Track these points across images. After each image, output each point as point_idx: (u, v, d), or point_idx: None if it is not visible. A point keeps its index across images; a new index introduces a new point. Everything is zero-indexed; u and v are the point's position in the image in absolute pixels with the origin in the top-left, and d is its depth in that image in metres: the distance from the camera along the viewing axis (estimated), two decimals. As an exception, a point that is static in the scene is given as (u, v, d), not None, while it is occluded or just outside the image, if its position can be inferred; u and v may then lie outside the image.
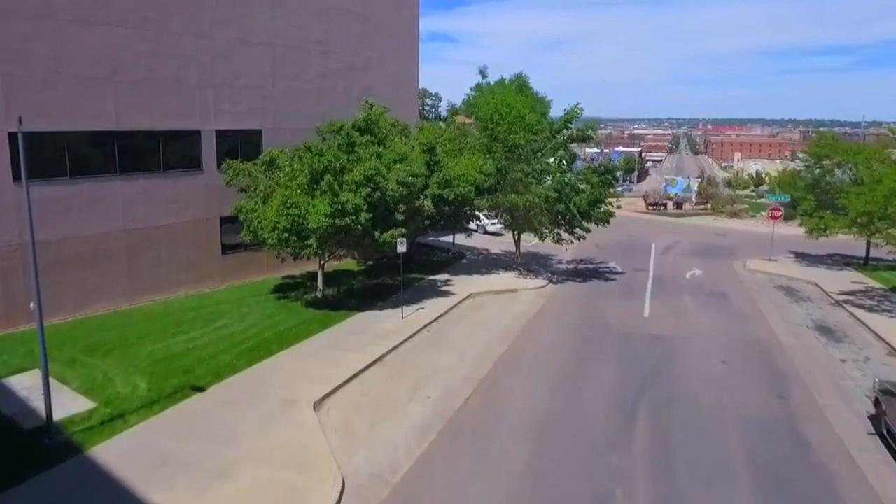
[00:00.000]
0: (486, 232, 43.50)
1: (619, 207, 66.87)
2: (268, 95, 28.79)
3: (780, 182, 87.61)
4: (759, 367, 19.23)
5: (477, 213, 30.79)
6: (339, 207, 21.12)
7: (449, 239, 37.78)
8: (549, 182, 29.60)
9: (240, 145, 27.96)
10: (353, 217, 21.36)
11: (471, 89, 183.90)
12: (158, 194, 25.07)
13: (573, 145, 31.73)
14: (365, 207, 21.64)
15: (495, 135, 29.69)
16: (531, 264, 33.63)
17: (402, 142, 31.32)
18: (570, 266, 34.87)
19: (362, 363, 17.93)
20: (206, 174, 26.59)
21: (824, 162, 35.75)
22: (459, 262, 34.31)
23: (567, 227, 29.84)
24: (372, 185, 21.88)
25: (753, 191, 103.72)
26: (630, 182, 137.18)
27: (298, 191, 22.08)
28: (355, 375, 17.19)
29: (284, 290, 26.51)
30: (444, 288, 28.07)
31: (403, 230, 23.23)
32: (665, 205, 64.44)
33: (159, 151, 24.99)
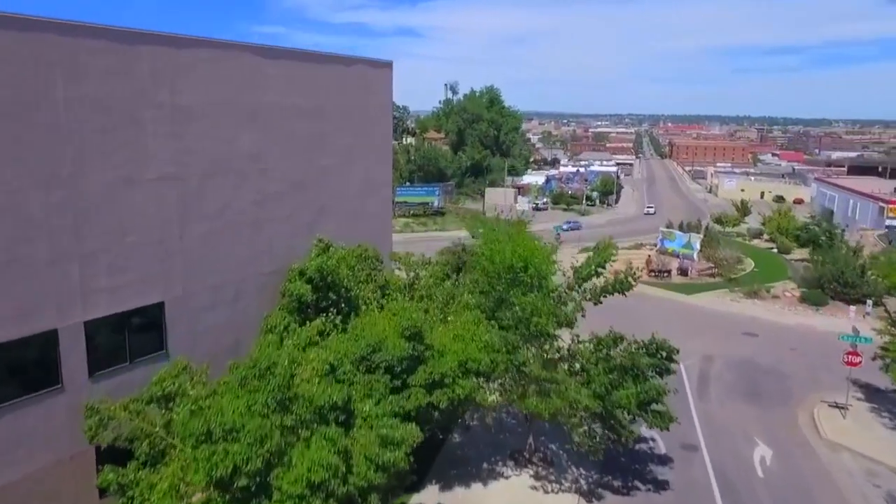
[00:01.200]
0: None
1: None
2: (174, 249, 19.41)
3: (779, 226, 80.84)
4: None
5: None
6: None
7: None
8: (582, 367, 20.92)
9: (128, 334, 18.59)
10: (292, 562, 12.25)
11: (440, 102, 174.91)
12: (-18, 445, 15.62)
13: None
14: (313, 537, 12.53)
15: (503, 297, 20.95)
16: (545, 442, 24.94)
17: (372, 296, 22.46)
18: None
19: None
20: (68, 392, 17.08)
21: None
22: (451, 440, 25.32)
23: (607, 431, 21.11)
24: (324, 493, 12.78)
25: (744, 222, 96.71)
26: (603, 203, 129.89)
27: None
28: None
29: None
30: (437, 538, 19.27)
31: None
32: (669, 272, 56.55)
33: (-19, 380, 15.51)
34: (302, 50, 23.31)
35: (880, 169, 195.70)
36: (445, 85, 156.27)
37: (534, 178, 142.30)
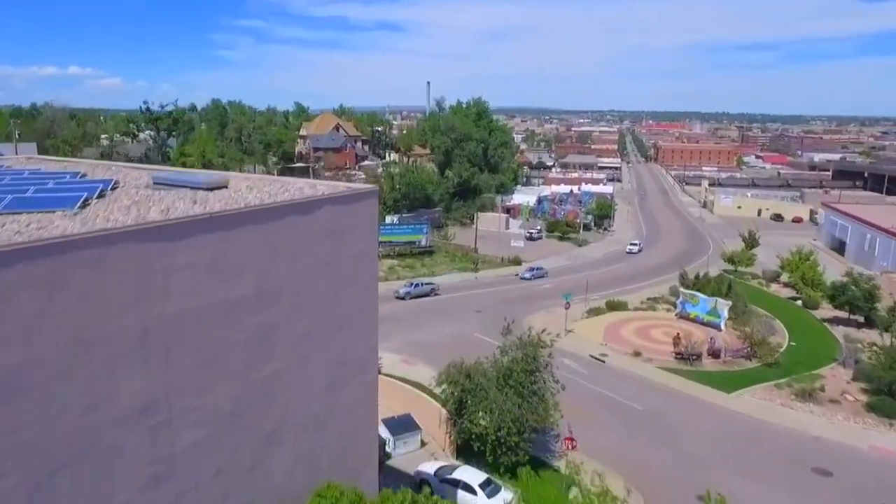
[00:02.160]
0: None
1: (636, 357, 48.59)
2: None
3: (803, 277, 73.14)
4: None
5: None
6: None
7: None
8: None
9: None
10: None
11: (425, 115, 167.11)
12: None
13: None
14: None
15: None
16: None
17: None
18: None
19: None
20: None
21: None
22: None
23: None
24: None
25: (754, 254, 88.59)
26: (599, 226, 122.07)
27: None
28: None
29: None
30: None
31: None
32: (699, 356, 48.49)
33: None
34: (235, 210, 14.53)
35: (866, 174, 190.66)
36: (428, 84, 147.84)
37: (524, 198, 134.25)
